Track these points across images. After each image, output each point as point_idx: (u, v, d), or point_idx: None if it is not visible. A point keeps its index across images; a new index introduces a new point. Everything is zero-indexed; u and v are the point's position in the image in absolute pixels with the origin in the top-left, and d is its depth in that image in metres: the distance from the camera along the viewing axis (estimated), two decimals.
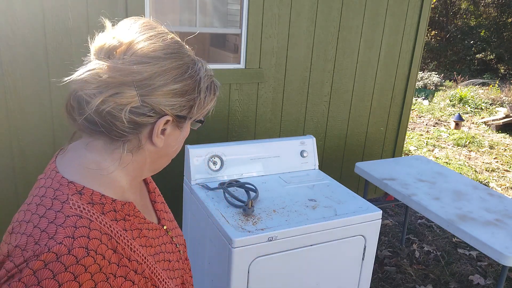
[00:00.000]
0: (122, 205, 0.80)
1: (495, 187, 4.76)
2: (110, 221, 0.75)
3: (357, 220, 1.89)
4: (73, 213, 0.71)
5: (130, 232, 0.80)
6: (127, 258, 0.75)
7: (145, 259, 0.80)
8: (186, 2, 4.05)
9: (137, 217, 0.83)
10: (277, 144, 2.29)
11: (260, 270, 1.71)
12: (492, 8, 14.53)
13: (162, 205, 1.01)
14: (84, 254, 0.67)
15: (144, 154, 0.81)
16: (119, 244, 0.75)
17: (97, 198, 0.76)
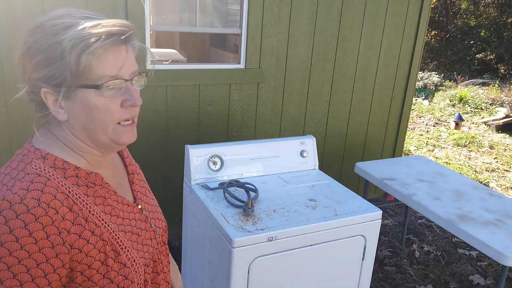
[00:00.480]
0: (87, 174, 0.87)
1: (495, 187, 4.76)
2: (71, 185, 0.82)
3: (357, 220, 1.89)
4: (33, 172, 0.79)
5: (93, 198, 0.86)
6: (84, 218, 0.81)
7: (105, 223, 0.85)
8: (186, 2, 4.04)
9: (104, 188, 0.90)
10: (277, 144, 2.29)
11: (260, 270, 1.71)
12: (492, 8, 14.52)
13: (141, 188, 1.06)
14: (35, 204, 0.73)
15: (67, 127, 0.85)
16: (76, 205, 0.81)
17: (60, 163, 0.83)
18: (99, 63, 0.78)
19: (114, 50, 0.79)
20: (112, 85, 0.80)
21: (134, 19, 2.48)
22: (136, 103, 0.84)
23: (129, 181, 1.03)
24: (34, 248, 0.72)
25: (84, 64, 0.76)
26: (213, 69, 2.86)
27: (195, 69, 2.79)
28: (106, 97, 0.80)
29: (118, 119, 0.83)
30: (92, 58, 0.76)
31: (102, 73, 0.78)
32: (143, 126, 2.69)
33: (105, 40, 0.77)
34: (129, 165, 1.06)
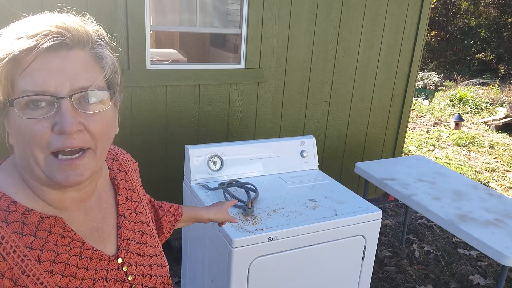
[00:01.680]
0: (42, 218, 0.69)
1: (495, 187, 4.76)
2: (11, 233, 0.65)
3: (357, 220, 1.89)
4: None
5: (38, 252, 0.67)
6: (12, 280, 0.63)
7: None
8: (186, 2, 4.04)
9: (65, 237, 0.71)
10: (277, 144, 2.29)
11: (260, 270, 1.71)
12: (492, 8, 14.53)
13: (135, 233, 0.84)
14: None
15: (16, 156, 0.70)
16: (5, 262, 0.63)
17: (5, 204, 0.66)
18: (21, 74, 0.62)
19: (44, 58, 0.62)
20: (27, 102, 0.62)
21: (134, 19, 2.48)
22: (64, 129, 0.62)
23: (117, 225, 0.82)
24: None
25: (3, 77, 0.62)
26: (213, 69, 2.86)
27: (195, 69, 2.79)
28: (23, 117, 0.62)
29: (47, 145, 0.63)
30: (11, 69, 0.62)
31: (23, 86, 0.62)
32: (143, 126, 2.69)
33: (23, 47, 0.61)
34: (122, 203, 0.85)
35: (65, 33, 0.64)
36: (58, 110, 0.63)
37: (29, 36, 0.62)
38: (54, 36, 0.63)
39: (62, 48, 0.64)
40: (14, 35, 0.63)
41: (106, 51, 0.70)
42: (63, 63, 0.63)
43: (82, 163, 0.66)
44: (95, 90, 0.66)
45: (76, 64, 0.65)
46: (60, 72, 0.63)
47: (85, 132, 0.66)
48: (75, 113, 0.64)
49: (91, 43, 0.68)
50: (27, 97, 0.61)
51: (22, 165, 0.69)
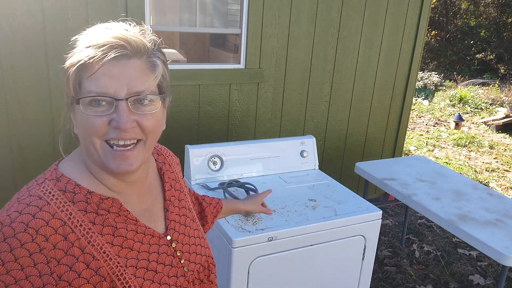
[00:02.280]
0: (101, 199, 0.80)
1: (495, 187, 4.76)
2: (77, 211, 0.77)
3: (357, 220, 1.89)
4: (36, 194, 0.75)
5: (100, 227, 0.79)
6: (80, 248, 0.75)
7: (106, 257, 0.77)
8: (186, 2, 4.04)
9: (121, 216, 0.82)
10: (277, 144, 2.29)
11: (260, 270, 1.71)
12: (492, 8, 14.53)
13: (180, 217, 0.96)
14: (21, 229, 0.69)
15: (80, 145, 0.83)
16: (74, 233, 0.75)
17: (71, 187, 0.79)
18: (88, 78, 0.74)
19: (108, 65, 0.74)
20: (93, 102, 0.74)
21: (134, 19, 2.48)
22: (120, 126, 0.74)
23: (164, 208, 0.94)
24: (20, 274, 0.68)
25: (68, 77, 0.76)
26: (213, 69, 2.86)
27: (195, 69, 2.79)
28: (85, 113, 0.75)
29: (103, 134, 0.76)
30: (78, 72, 0.75)
31: (89, 88, 0.74)
32: None
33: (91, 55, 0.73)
34: (168, 190, 0.97)
35: (126, 46, 0.74)
36: (116, 109, 0.74)
37: (97, 46, 0.73)
38: (117, 48, 0.73)
39: (123, 57, 0.75)
40: (84, 44, 0.75)
41: (159, 60, 0.81)
42: (122, 70, 0.75)
43: (133, 155, 0.78)
44: (148, 95, 0.77)
45: (133, 71, 0.76)
46: (119, 78, 0.74)
47: (137, 128, 0.77)
48: (130, 113, 0.75)
49: (147, 54, 0.78)
50: (90, 97, 0.74)
51: (84, 151, 0.81)
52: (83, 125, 0.76)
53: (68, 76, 0.76)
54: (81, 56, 0.74)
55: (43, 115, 2.40)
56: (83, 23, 2.37)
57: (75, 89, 0.76)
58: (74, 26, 2.34)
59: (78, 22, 2.35)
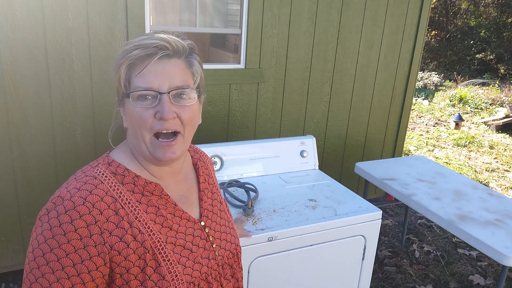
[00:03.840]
0: (146, 183, 0.92)
1: (495, 187, 4.76)
2: (126, 191, 0.88)
3: (357, 220, 1.89)
4: (91, 174, 0.87)
5: (145, 206, 0.90)
6: (128, 222, 0.86)
7: (150, 232, 0.88)
8: (186, 2, 4.04)
9: (162, 199, 0.93)
10: (277, 144, 2.29)
11: (260, 270, 1.71)
12: (492, 8, 14.53)
13: (213, 207, 1.07)
14: (80, 203, 0.81)
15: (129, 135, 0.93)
16: (123, 209, 0.86)
17: (121, 170, 0.90)
18: (136, 75, 0.85)
19: (153, 64, 0.85)
20: (141, 96, 0.85)
21: (134, 19, 2.48)
22: (163, 116, 0.85)
23: (199, 197, 1.05)
24: (79, 244, 0.79)
25: (120, 74, 0.87)
26: (213, 69, 2.86)
27: None
28: (135, 106, 0.86)
29: (151, 127, 0.86)
30: (128, 70, 0.86)
31: (137, 83, 0.85)
32: None
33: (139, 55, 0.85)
34: (202, 182, 1.07)
35: (168, 46, 0.86)
36: (160, 102, 0.86)
37: (143, 47, 0.85)
38: (161, 49, 0.85)
39: (165, 56, 0.86)
40: (133, 46, 0.86)
41: (196, 60, 0.93)
42: (164, 68, 0.86)
43: (175, 145, 0.89)
44: (186, 89, 0.88)
45: (174, 68, 0.87)
46: (162, 74, 0.86)
47: (177, 119, 0.88)
48: (171, 105, 0.86)
49: (185, 54, 0.90)
50: (138, 91, 0.85)
51: (133, 143, 0.92)
52: (133, 119, 0.87)
53: (119, 74, 0.87)
54: (130, 56, 0.85)
55: (43, 115, 2.39)
56: (83, 23, 2.36)
57: (125, 85, 0.87)
58: (74, 26, 2.34)
59: (78, 22, 2.35)
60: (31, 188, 2.47)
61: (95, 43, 2.42)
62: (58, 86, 2.39)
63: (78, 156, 2.52)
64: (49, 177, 2.49)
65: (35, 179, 2.46)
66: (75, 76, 2.42)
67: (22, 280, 2.77)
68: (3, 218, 2.45)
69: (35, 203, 2.50)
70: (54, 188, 2.50)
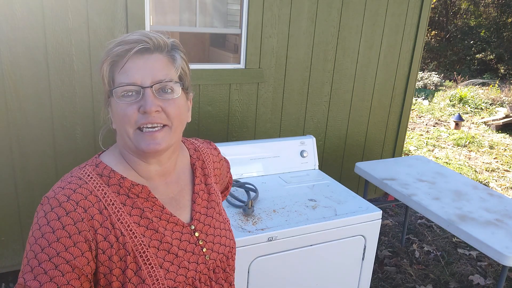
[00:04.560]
0: (132, 185, 0.91)
1: (495, 187, 4.76)
2: (111, 192, 0.88)
3: (357, 220, 1.89)
4: (77, 175, 0.88)
5: (129, 208, 0.89)
6: (111, 223, 0.86)
7: (132, 234, 0.87)
8: (186, 2, 4.04)
9: (149, 201, 0.92)
10: (277, 144, 2.29)
11: (260, 270, 1.71)
12: (492, 8, 14.53)
13: (207, 210, 1.04)
14: (64, 200, 0.82)
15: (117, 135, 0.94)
16: (106, 210, 0.86)
17: (107, 171, 0.90)
18: (118, 72, 0.86)
19: (133, 59, 0.85)
20: (123, 91, 0.85)
21: (134, 19, 2.48)
22: (146, 108, 0.85)
23: (192, 200, 1.02)
24: (69, 242, 0.79)
25: (103, 73, 0.88)
26: (213, 69, 2.86)
27: (195, 69, 2.79)
28: (119, 102, 0.86)
29: (135, 122, 0.86)
30: (111, 67, 0.87)
31: (119, 80, 0.86)
32: None
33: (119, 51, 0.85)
34: (197, 184, 1.05)
35: (148, 41, 0.86)
36: (143, 96, 0.86)
37: (124, 43, 0.86)
38: (141, 43, 0.86)
39: (146, 52, 0.87)
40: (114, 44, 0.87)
41: (178, 55, 0.92)
42: (146, 62, 0.86)
43: (160, 135, 0.88)
44: (169, 82, 0.88)
45: (156, 63, 0.87)
46: (144, 69, 0.86)
47: (162, 113, 0.88)
48: (155, 98, 0.86)
49: (167, 49, 0.90)
50: (121, 87, 0.85)
51: (120, 143, 0.92)
52: (118, 115, 0.87)
53: (103, 72, 0.88)
54: (112, 53, 0.86)
55: (43, 115, 2.39)
56: (83, 23, 2.36)
57: (109, 83, 0.88)
58: (74, 26, 2.34)
59: (78, 22, 2.35)
60: (31, 188, 2.47)
61: (95, 43, 2.42)
62: (58, 86, 2.39)
63: (78, 156, 2.52)
64: (49, 177, 2.49)
65: (35, 179, 2.46)
66: (75, 76, 2.42)
67: None
68: (3, 218, 2.45)
69: (35, 203, 2.50)
70: None
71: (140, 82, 0.85)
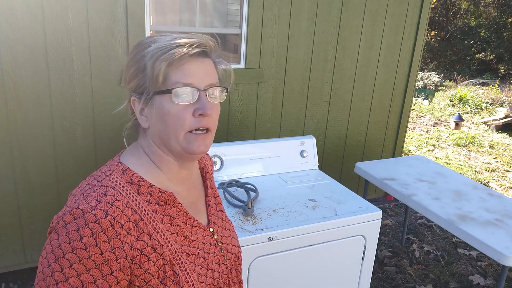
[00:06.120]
0: (160, 192, 0.89)
1: (495, 187, 4.76)
2: (142, 201, 0.86)
3: (357, 220, 1.89)
4: (109, 185, 0.84)
5: (161, 216, 0.88)
6: (148, 235, 0.84)
7: (168, 243, 0.87)
8: (186, 2, 4.05)
9: (175, 208, 0.91)
10: (277, 144, 2.29)
11: (260, 270, 1.71)
12: (492, 8, 14.53)
13: (217, 212, 1.06)
14: (102, 216, 0.78)
15: (148, 135, 0.91)
16: (143, 221, 0.84)
17: (136, 179, 0.87)
18: (174, 71, 0.84)
19: (191, 61, 0.85)
20: (182, 91, 0.84)
21: (134, 19, 2.48)
22: (206, 112, 0.85)
23: (206, 203, 1.04)
24: (100, 259, 0.76)
25: (159, 71, 0.84)
26: None
27: None
28: (177, 103, 0.84)
29: (188, 127, 0.85)
30: (167, 66, 0.84)
31: (175, 79, 0.84)
32: None
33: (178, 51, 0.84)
34: (209, 188, 1.07)
35: (205, 44, 0.87)
36: (199, 98, 0.85)
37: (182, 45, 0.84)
38: (200, 46, 0.85)
39: (202, 55, 0.87)
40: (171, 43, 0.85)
41: (221, 59, 0.94)
42: (201, 65, 0.86)
43: (208, 137, 0.89)
44: (218, 87, 0.89)
45: (209, 66, 0.88)
46: (200, 72, 0.86)
47: (210, 117, 0.88)
48: (209, 102, 0.86)
49: (215, 53, 0.91)
50: (178, 87, 0.84)
51: (157, 141, 0.90)
52: (169, 116, 0.85)
53: (158, 70, 0.84)
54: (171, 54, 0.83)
55: (43, 115, 2.39)
56: (83, 23, 2.36)
57: (154, 80, 0.84)
58: (74, 25, 2.34)
59: (78, 22, 2.35)
60: (31, 188, 2.47)
61: (95, 43, 2.42)
62: (58, 86, 2.39)
63: (78, 156, 2.52)
64: (49, 177, 2.48)
65: (35, 179, 2.46)
66: (75, 76, 2.42)
67: (22, 280, 2.77)
68: (3, 218, 2.45)
69: (35, 203, 2.50)
70: (54, 188, 2.50)
71: (197, 84, 0.85)
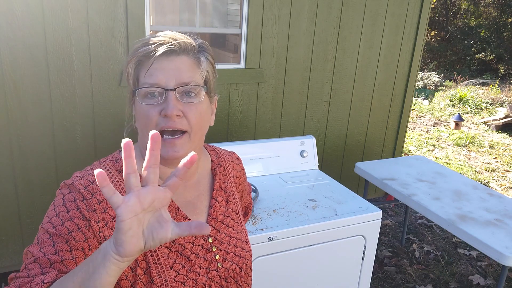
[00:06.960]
0: None
1: (495, 187, 4.76)
2: None
3: (357, 220, 1.89)
4: (95, 167, 0.89)
5: None
6: None
7: None
8: (186, 2, 4.04)
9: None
10: (277, 144, 2.29)
11: (260, 270, 1.71)
12: (492, 8, 14.53)
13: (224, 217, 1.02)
14: (81, 187, 0.84)
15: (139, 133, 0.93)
16: None
17: None
18: (142, 72, 0.86)
19: (159, 61, 0.84)
20: (147, 92, 0.85)
21: (134, 19, 2.48)
22: (167, 112, 0.83)
23: (209, 205, 1.00)
24: (81, 223, 0.80)
25: (129, 72, 0.87)
26: None
27: None
28: (142, 103, 0.85)
29: (156, 125, 0.85)
30: (136, 67, 0.86)
31: (144, 80, 0.85)
32: None
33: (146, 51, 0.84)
34: (217, 190, 1.03)
35: (175, 43, 0.85)
36: (165, 99, 0.84)
37: (150, 44, 0.85)
38: (167, 45, 0.84)
39: (172, 53, 0.85)
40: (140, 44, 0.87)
41: (204, 58, 0.90)
42: (171, 64, 0.85)
43: (179, 143, 0.87)
44: (193, 86, 0.86)
45: (181, 65, 0.86)
46: (169, 71, 0.84)
47: (183, 118, 0.86)
48: (177, 102, 0.85)
49: (193, 51, 0.88)
50: (145, 88, 0.85)
51: (141, 143, 0.92)
52: (140, 117, 0.87)
53: (128, 71, 0.88)
54: (138, 53, 0.86)
55: (43, 115, 2.39)
56: (83, 23, 2.36)
57: (134, 83, 0.88)
58: (74, 26, 2.34)
59: (78, 22, 2.35)
60: (31, 188, 2.47)
61: (95, 43, 2.42)
62: (58, 86, 2.39)
63: (78, 156, 2.52)
64: (49, 177, 2.49)
65: (35, 179, 2.46)
66: (75, 76, 2.42)
67: None
68: (3, 218, 2.45)
69: (35, 203, 2.50)
70: (54, 188, 2.50)
71: (164, 84, 0.84)
